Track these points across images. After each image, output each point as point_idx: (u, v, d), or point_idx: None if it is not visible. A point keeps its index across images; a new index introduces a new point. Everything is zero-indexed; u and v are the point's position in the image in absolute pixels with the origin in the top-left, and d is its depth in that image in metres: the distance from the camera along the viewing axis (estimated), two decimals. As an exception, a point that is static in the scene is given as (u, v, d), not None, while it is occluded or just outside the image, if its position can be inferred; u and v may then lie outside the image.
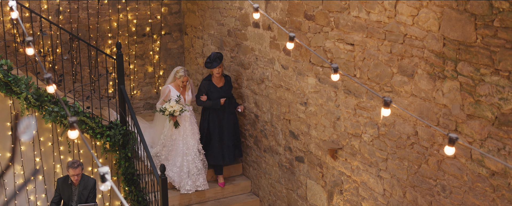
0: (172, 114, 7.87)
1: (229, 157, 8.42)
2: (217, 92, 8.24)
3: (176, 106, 7.87)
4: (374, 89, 5.99)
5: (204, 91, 8.24)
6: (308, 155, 7.28)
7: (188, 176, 8.11)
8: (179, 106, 7.89)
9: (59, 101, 6.76)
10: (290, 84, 7.40)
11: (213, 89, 8.23)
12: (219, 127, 8.31)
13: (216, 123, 8.29)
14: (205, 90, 8.24)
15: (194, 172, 8.13)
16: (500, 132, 4.76)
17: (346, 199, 6.70)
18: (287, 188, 7.85)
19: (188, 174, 8.10)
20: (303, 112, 7.22)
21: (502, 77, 4.66)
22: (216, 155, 8.35)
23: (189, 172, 8.10)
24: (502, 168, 4.81)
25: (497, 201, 4.89)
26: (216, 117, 8.31)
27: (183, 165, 8.08)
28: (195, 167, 8.12)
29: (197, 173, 8.15)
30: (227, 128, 8.34)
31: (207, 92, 8.24)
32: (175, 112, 7.86)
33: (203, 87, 8.25)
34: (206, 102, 8.22)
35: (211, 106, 8.23)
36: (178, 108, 7.86)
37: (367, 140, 6.23)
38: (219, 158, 8.37)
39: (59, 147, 8.24)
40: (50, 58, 9.21)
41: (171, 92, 8.11)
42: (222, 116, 8.32)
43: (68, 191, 7.40)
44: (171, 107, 7.85)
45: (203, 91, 8.25)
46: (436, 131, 5.38)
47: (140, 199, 7.96)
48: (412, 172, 5.72)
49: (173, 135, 8.11)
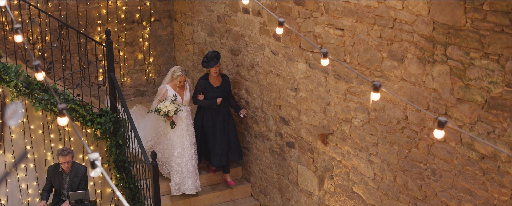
0: (167, 114, 7.70)
1: (233, 156, 8.28)
2: (214, 91, 8.07)
3: (171, 106, 7.69)
4: (364, 74, 6.00)
5: (201, 90, 8.07)
6: (299, 140, 7.29)
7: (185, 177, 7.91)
8: (174, 106, 7.71)
9: (49, 88, 6.75)
10: (280, 70, 7.40)
11: (210, 88, 8.06)
12: (213, 127, 8.14)
13: (210, 123, 8.13)
14: (201, 89, 8.07)
15: (186, 175, 7.93)
16: (490, 116, 4.79)
17: (337, 184, 6.73)
18: (278, 173, 7.87)
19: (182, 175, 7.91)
20: (294, 97, 7.23)
21: (492, 60, 4.68)
22: (219, 156, 8.16)
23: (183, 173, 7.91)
24: (492, 151, 4.84)
25: (487, 184, 4.93)
26: (210, 117, 8.14)
27: (177, 166, 7.89)
28: (186, 170, 7.92)
29: (188, 175, 7.95)
30: (220, 129, 8.15)
31: (204, 91, 8.07)
32: (169, 112, 7.67)
33: (200, 86, 8.07)
34: (202, 101, 8.05)
35: (207, 105, 8.06)
36: (172, 108, 7.68)
37: (358, 125, 6.25)
38: (223, 159, 8.18)
39: (50, 135, 8.22)
40: (39, 46, 9.15)
41: (168, 91, 7.92)
42: (216, 116, 8.14)
43: (59, 179, 7.39)
44: (165, 107, 7.67)
45: (199, 90, 8.08)
46: (426, 115, 5.40)
47: (131, 186, 7.96)
48: (402, 156, 5.75)
49: (168, 134, 7.94)
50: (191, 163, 7.95)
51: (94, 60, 9.23)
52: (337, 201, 6.78)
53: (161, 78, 10.41)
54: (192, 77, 9.88)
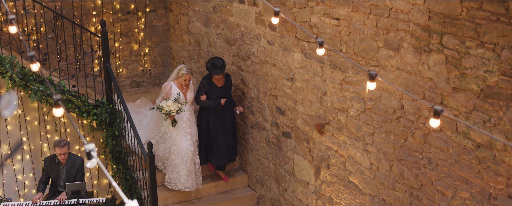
0: (168, 113, 7.63)
1: (232, 157, 8.27)
2: (217, 92, 7.96)
3: (173, 105, 7.59)
4: (360, 63, 5.99)
5: (204, 90, 7.95)
6: (295, 130, 7.30)
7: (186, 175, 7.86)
8: (177, 105, 7.61)
9: (44, 79, 6.72)
10: (276, 60, 7.39)
11: (213, 89, 7.94)
12: (221, 127, 8.05)
13: (217, 124, 8.03)
14: (204, 89, 7.94)
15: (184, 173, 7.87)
16: (486, 105, 4.80)
17: (333, 173, 6.75)
18: (274, 163, 7.88)
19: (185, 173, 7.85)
20: (290, 87, 7.22)
21: (487, 49, 4.68)
22: (221, 156, 8.12)
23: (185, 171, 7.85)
24: (488, 140, 4.85)
25: (483, 173, 4.95)
26: (216, 117, 8.04)
27: (180, 164, 7.83)
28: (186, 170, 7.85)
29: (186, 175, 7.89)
30: (228, 128, 8.11)
31: (207, 91, 7.95)
32: (171, 111, 7.58)
33: (203, 87, 7.95)
34: (206, 102, 7.93)
35: (211, 106, 7.94)
36: (175, 107, 7.59)
37: (354, 114, 6.25)
38: (224, 159, 8.15)
39: (46, 126, 8.20)
40: (34, 37, 9.12)
41: (172, 89, 7.82)
42: (222, 117, 8.06)
43: (56, 170, 7.38)
44: (167, 106, 7.58)
45: (202, 91, 7.96)
46: (422, 105, 5.40)
47: (128, 177, 7.96)
48: (398, 145, 5.76)
49: (168, 132, 7.87)
50: (190, 162, 7.85)
51: (90, 51, 9.20)
52: (334, 190, 6.80)
53: (157, 68, 10.39)
54: (188, 67, 9.86)
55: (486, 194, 4.96)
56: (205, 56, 9.20)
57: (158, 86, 10.46)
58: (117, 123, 8.01)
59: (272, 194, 8.07)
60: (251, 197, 8.45)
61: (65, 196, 7.17)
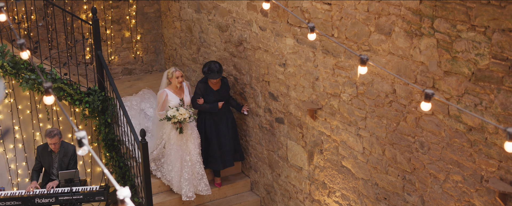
0: (181, 122, 7.47)
1: (229, 162, 8.11)
2: (214, 95, 7.86)
3: (186, 113, 7.45)
4: (352, 48, 5.99)
5: (200, 93, 7.84)
6: (288, 116, 7.30)
7: (189, 182, 7.75)
8: (188, 113, 7.47)
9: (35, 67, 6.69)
10: (268, 46, 7.37)
11: (210, 92, 7.85)
12: (216, 131, 7.94)
13: (213, 128, 7.93)
14: (201, 92, 7.83)
15: (196, 177, 7.81)
16: (477, 88, 4.81)
17: (326, 158, 6.77)
18: (268, 149, 7.89)
19: (189, 180, 7.75)
20: (282, 73, 7.22)
21: (478, 32, 4.68)
22: (215, 160, 8.01)
23: (190, 177, 7.74)
24: (479, 123, 4.87)
25: (475, 155, 4.97)
26: (213, 121, 7.94)
27: (184, 170, 7.73)
28: (196, 172, 7.77)
29: (198, 178, 7.82)
30: (224, 132, 7.97)
31: (203, 95, 7.85)
32: (185, 120, 7.44)
33: (199, 90, 7.83)
34: (203, 105, 7.83)
35: (208, 110, 7.84)
36: (187, 115, 7.45)
37: (346, 99, 6.26)
38: (219, 164, 8.03)
39: (38, 115, 8.18)
40: (25, 25, 9.06)
41: (168, 96, 7.65)
42: (218, 120, 7.95)
43: (49, 159, 7.37)
44: (181, 115, 7.40)
45: (199, 94, 7.85)
46: (414, 89, 5.41)
47: (121, 165, 7.96)
48: (390, 129, 5.78)
49: (172, 139, 7.70)
50: (200, 166, 7.78)
51: (81, 39, 9.14)
52: (327, 175, 6.82)
53: (149, 55, 10.35)
54: (181, 54, 9.84)
55: (478, 176, 4.99)
56: (197, 42, 9.17)
57: (151, 73, 10.43)
58: (110, 111, 7.99)
59: (266, 179, 8.09)
60: (245, 183, 8.47)
61: (53, 184, 7.14)
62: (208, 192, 7.90)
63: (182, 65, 9.79)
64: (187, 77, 9.73)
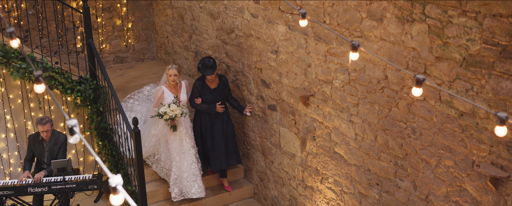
0: (173, 119, 7.38)
1: (229, 162, 8.01)
2: (211, 94, 7.69)
3: (177, 110, 7.34)
4: (343, 34, 5.98)
5: (197, 92, 7.66)
6: (281, 103, 7.31)
7: (181, 183, 7.64)
8: (180, 109, 7.38)
9: (25, 56, 6.65)
10: (260, 33, 7.36)
11: (207, 91, 7.67)
12: (211, 131, 7.80)
13: (209, 127, 7.78)
14: (198, 91, 7.66)
15: (191, 179, 7.66)
16: (468, 73, 4.82)
17: (319, 145, 6.78)
18: (260, 136, 7.90)
19: (182, 180, 7.63)
20: (274, 60, 7.21)
21: (470, 18, 4.68)
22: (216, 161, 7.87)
23: (183, 178, 7.63)
24: (470, 108, 4.89)
25: (466, 140, 4.99)
26: (209, 120, 7.79)
27: (177, 170, 7.61)
28: (192, 174, 7.64)
29: (193, 179, 7.67)
30: (219, 132, 7.83)
31: (200, 94, 7.67)
32: (176, 116, 7.33)
33: (196, 89, 7.66)
34: (200, 105, 7.67)
35: (205, 110, 7.67)
36: (179, 112, 7.35)
37: (338, 86, 6.27)
38: (221, 164, 7.89)
39: (29, 104, 8.15)
40: (15, 14, 8.99)
41: (164, 93, 7.53)
42: (214, 119, 7.78)
43: (40, 148, 7.36)
44: (172, 111, 7.30)
45: (196, 93, 7.67)
46: (405, 75, 5.42)
47: (114, 153, 7.95)
48: (382, 115, 5.79)
49: (166, 138, 7.61)
50: (195, 166, 7.65)
51: (72, 27, 9.10)
52: (320, 162, 6.85)
53: (140, 44, 10.31)
54: (172, 42, 9.80)
55: (469, 161, 5.01)
56: (189, 30, 9.14)
57: (142, 61, 10.40)
58: (102, 99, 7.97)
59: (259, 166, 8.11)
60: (238, 170, 8.49)
61: (41, 176, 7.09)
62: (202, 194, 7.72)
63: (174, 53, 9.76)
64: (179, 65, 9.70)
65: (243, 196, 8.35)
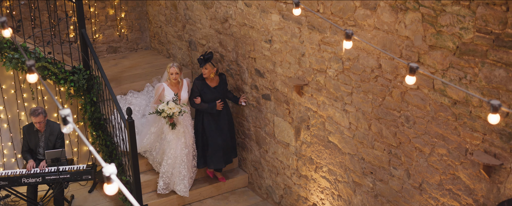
0: (170, 116, 7.33)
1: (229, 159, 8.00)
2: (211, 93, 7.61)
3: (176, 107, 7.28)
4: (337, 23, 5.98)
5: (197, 92, 7.58)
6: (275, 92, 7.31)
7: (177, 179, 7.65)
8: (178, 107, 7.32)
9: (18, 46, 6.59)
10: (254, 22, 7.34)
11: (207, 89, 7.58)
12: (217, 129, 7.74)
13: (213, 125, 7.72)
14: (198, 90, 7.58)
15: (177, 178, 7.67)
16: (461, 62, 4.83)
17: (313, 134, 6.79)
18: (254, 126, 7.91)
19: (170, 176, 7.65)
20: (268, 49, 7.20)
21: (463, 6, 4.68)
22: (218, 159, 7.83)
23: (172, 175, 7.64)
24: (464, 96, 4.90)
25: (459, 129, 5.01)
26: (212, 118, 7.71)
27: (168, 166, 7.60)
28: (178, 173, 7.63)
29: (180, 178, 7.67)
30: (224, 129, 7.77)
31: (200, 93, 7.59)
32: (174, 114, 7.27)
33: (196, 88, 7.57)
34: (201, 104, 7.58)
35: (206, 110, 7.60)
36: (177, 109, 7.29)
37: (332, 75, 6.27)
38: (221, 163, 7.89)
39: (23, 94, 8.12)
40: (7, 4, 8.93)
41: (165, 90, 7.48)
42: (218, 118, 7.72)
43: (35, 138, 7.34)
44: (169, 109, 7.25)
45: (196, 92, 7.59)
46: (399, 63, 5.43)
47: (108, 143, 7.94)
48: (376, 104, 5.80)
49: (164, 134, 7.57)
50: (184, 166, 7.62)
51: (64, 17, 9.05)
52: (314, 151, 6.86)
53: (134, 33, 10.27)
54: (166, 31, 9.77)
55: (462, 149, 5.03)
56: (182, 19, 9.10)
57: (136, 51, 10.37)
58: (95, 89, 7.94)
59: (253, 156, 8.12)
60: (233, 160, 8.49)
61: (45, 164, 7.14)
62: (186, 194, 7.72)
63: (168, 42, 9.73)
64: (173, 55, 9.68)
65: (238, 185, 8.37)
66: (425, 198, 5.52)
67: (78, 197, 8.05)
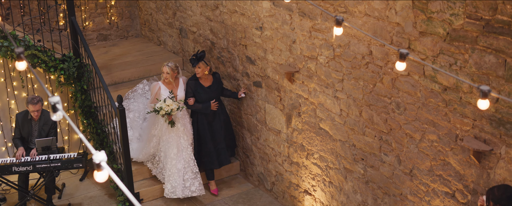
0: (169, 114, 7.22)
1: (225, 160, 7.84)
2: (205, 92, 7.47)
3: (173, 104, 7.18)
4: (328, 10, 5.97)
5: (191, 92, 7.47)
6: (266, 79, 7.30)
7: (183, 181, 7.50)
8: (176, 104, 7.22)
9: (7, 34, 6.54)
10: (244, 9, 7.32)
11: (200, 89, 7.45)
12: (210, 131, 7.62)
13: (206, 127, 7.59)
14: (191, 91, 7.46)
15: (189, 176, 7.52)
16: (452, 48, 4.84)
17: (304, 121, 6.80)
18: (246, 113, 7.91)
19: (183, 178, 7.50)
20: (259, 36, 7.19)
21: (453, -8, 4.68)
22: (211, 159, 7.70)
23: (183, 176, 7.50)
24: (454, 82, 4.92)
25: (450, 115, 5.03)
26: (206, 118, 7.58)
27: (175, 168, 7.47)
28: (190, 171, 7.52)
29: (192, 177, 7.53)
30: (218, 130, 7.65)
31: (194, 93, 7.47)
32: (172, 111, 7.16)
33: (190, 88, 7.45)
34: (195, 105, 7.46)
35: (200, 110, 7.47)
36: (175, 106, 7.19)
37: (323, 61, 6.27)
38: (215, 163, 7.74)
39: (12, 83, 8.07)
40: (-5, -9, 8.86)
41: (161, 89, 7.40)
42: (212, 118, 7.60)
43: (28, 127, 7.31)
44: (167, 106, 7.15)
45: (190, 92, 7.47)
46: (390, 50, 5.43)
47: (99, 131, 7.92)
48: (367, 91, 5.81)
49: (164, 135, 7.48)
50: (193, 163, 7.52)
51: (54, 5, 8.98)
52: (305, 138, 6.87)
53: (124, 21, 10.22)
54: (156, 19, 9.72)
55: (453, 135, 5.06)
56: (172, 7, 9.06)
57: (126, 39, 10.32)
58: (86, 77, 7.91)
59: (245, 143, 8.12)
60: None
61: (35, 152, 7.11)
62: (202, 192, 7.60)
63: (158, 30, 9.69)
64: (163, 42, 9.64)
65: (229, 172, 8.38)
66: (416, 184, 5.55)
67: (69, 185, 8.04)
